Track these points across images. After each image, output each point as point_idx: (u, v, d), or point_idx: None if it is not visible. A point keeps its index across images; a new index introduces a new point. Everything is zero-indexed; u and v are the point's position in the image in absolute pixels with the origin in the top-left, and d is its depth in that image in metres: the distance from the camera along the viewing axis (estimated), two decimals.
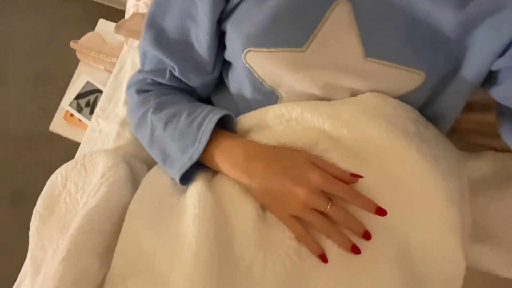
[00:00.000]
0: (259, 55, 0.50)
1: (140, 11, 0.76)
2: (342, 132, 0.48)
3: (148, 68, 0.62)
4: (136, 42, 0.77)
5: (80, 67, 1.21)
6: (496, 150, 0.60)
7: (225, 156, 0.50)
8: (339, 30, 0.48)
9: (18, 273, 0.73)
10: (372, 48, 0.48)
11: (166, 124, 0.56)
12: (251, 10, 0.50)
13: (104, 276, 0.49)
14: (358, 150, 0.48)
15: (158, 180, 0.58)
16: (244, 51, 0.51)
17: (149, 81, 0.62)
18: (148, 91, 0.63)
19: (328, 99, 0.52)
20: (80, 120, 1.16)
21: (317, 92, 0.52)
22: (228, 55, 0.57)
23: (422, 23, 0.47)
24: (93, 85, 1.17)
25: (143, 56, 0.62)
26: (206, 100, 0.66)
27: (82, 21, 1.57)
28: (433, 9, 0.46)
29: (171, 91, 0.62)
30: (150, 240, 0.48)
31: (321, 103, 0.51)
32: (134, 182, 0.62)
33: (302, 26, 0.48)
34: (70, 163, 0.68)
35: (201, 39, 0.55)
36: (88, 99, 1.16)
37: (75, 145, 1.20)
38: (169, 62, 0.58)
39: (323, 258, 0.44)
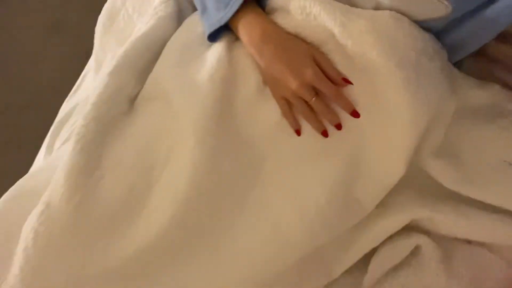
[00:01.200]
0: None
1: None
2: (347, 42, 0.54)
3: None
4: None
5: None
6: (509, 87, 0.63)
7: (245, 30, 0.58)
8: None
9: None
10: None
11: None
12: None
13: (138, 92, 0.63)
14: (356, 61, 0.54)
15: (193, 28, 0.67)
16: None
17: None
18: None
19: (352, 4, 0.56)
20: None
21: None
22: None
23: None
24: None
25: None
26: None
27: None
28: None
29: None
30: (171, 79, 0.60)
31: (340, 7, 0.55)
32: (179, 19, 0.72)
33: None
34: None
35: None
36: None
37: None
38: None
39: (298, 132, 0.57)
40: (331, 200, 0.54)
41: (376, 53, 0.52)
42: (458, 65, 0.64)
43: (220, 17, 0.60)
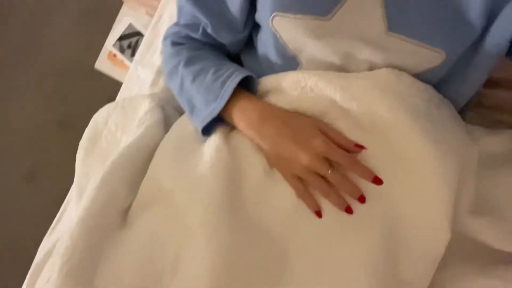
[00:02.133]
0: (285, 20, 0.53)
1: None
2: (351, 105, 0.51)
3: (183, 22, 0.66)
4: None
5: (123, 9, 1.26)
6: None
7: (241, 115, 0.56)
8: (365, 2, 0.50)
9: (65, 193, 0.84)
10: (395, 23, 0.50)
11: (194, 78, 0.61)
12: None
13: (131, 203, 0.57)
14: (365, 122, 0.51)
15: (184, 127, 0.64)
16: (272, 15, 0.53)
17: (183, 34, 0.67)
18: (181, 44, 0.68)
19: (346, 70, 0.55)
20: (121, 61, 1.23)
21: (336, 61, 0.55)
22: (258, 17, 0.60)
23: (449, 1, 0.48)
24: (134, 28, 1.23)
25: (179, 10, 0.66)
26: (235, 57, 0.71)
27: None
28: None
29: (203, 47, 0.67)
30: (170, 177, 0.55)
31: (336, 74, 0.54)
32: (166, 126, 0.69)
33: None
34: (111, 105, 0.76)
35: (234, 0, 0.59)
36: (130, 41, 1.23)
37: (116, 84, 1.30)
38: (203, 19, 0.62)
39: (318, 214, 0.50)
40: (376, 286, 0.45)
41: (384, 109, 0.50)
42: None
43: (212, 109, 0.57)
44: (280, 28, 0.55)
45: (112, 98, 1.13)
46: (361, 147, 0.50)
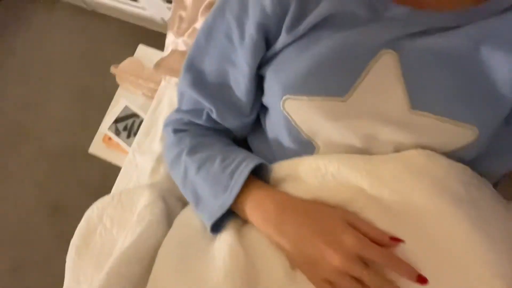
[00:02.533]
0: (297, 103, 0.49)
1: (179, 49, 0.77)
2: (382, 193, 0.45)
3: (186, 108, 0.62)
4: (174, 79, 0.78)
5: (119, 91, 1.24)
6: None
7: (256, 209, 0.49)
8: (383, 81, 0.47)
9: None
10: (419, 100, 0.46)
11: (199, 167, 0.56)
12: (292, 58, 0.49)
13: None
14: (399, 212, 0.45)
15: (189, 222, 0.58)
16: (283, 98, 0.50)
17: (185, 120, 0.63)
18: (184, 130, 0.63)
19: (369, 153, 0.50)
20: (117, 143, 1.19)
21: (357, 143, 0.50)
22: (266, 100, 0.56)
23: (477, 75, 0.45)
24: (131, 109, 1.20)
25: (181, 96, 0.62)
26: (242, 141, 0.66)
27: (121, 43, 1.62)
28: (493, 60, 0.44)
29: (207, 132, 0.63)
30: (176, 286, 0.47)
31: (360, 157, 0.49)
32: (169, 219, 0.63)
33: (345, 75, 0.47)
34: (106, 198, 0.69)
35: (239, 83, 0.55)
36: (126, 123, 1.19)
37: (112, 167, 1.24)
38: (207, 104, 0.58)
39: None
40: None
41: (422, 197, 0.44)
42: None
43: (221, 203, 0.51)
44: (293, 112, 0.51)
45: (107, 182, 1.07)
46: (397, 240, 0.43)
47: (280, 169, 0.54)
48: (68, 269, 0.67)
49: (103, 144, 1.21)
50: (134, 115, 1.20)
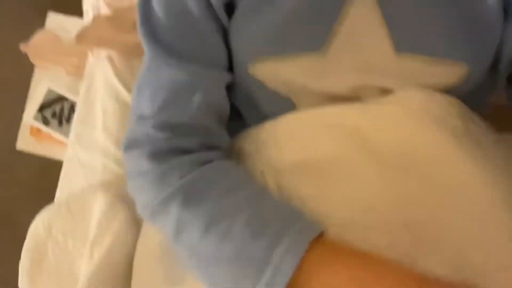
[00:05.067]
0: (268, 66, 0.44)
1: (102, 12, 0.64)
2: (384, 143, 0.42)
3: (159, 104, 0.43)
4: (104, 52, 0.65)
5: (37, 73, 1.08)
6: None
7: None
8: (362, 25, 0.43)
9: None
10: (403, 40, 0.43)
11: (207, 227, 0.37)
12: (253, 14, 0.44)
13: None
14: (403, 158, 0.42)
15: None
16: (250, 63, 0.44)
17: (165, 135, 0.42)
18: (167, 154, 0.42)
19: (356, 101, 0.46)
20: (48, 134, 1.04)
21: (342, 94, 0.46)
22: (234, 65, 0.48)
23: (461, 5, 0.43)
24: (55, 92, 1.05)
25: (145, 91, 0.45)
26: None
27: (25, 14, 1.40)
28: None
29: (204, 156, 0.43)
30: None
31: (356, 108, 0.45)
32: (136, 220, 0.56)
33: (318, 23, 0.43)
34: (52, 209, 0.61)
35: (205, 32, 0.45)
36: (54, 110, 1.05)
37: (48, 161, 1.11)
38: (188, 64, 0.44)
39: None
40: None
41: (425, 139, 0.43)
42: None
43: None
44: (265, 76, 0.46)
45: (47, 179, 0.95)
46: None
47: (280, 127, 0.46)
48: None
49: (31, 138, 1.06)
50: (61, 98, 1.05)
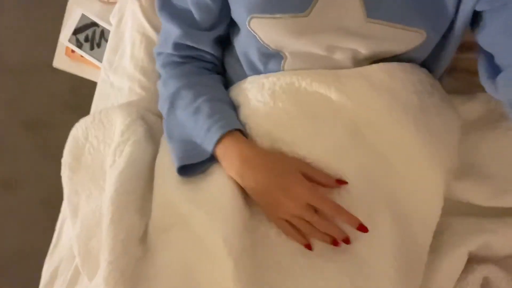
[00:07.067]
0: (263, 22, 0.53)
1: None
2: (346, 104, 0.53)
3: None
4: None
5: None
6: None
7: (224, 158, 0.57)
8: None
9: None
10: (374, 9, 0.51)
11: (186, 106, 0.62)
12: None
13: (145, 225, 0.58)
14: (359, 122, 0.54)
15: None
16: (248, 17, 0.53)
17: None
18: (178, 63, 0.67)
19: (331, 59, 0.56)
20: (81, 55, 1.16)
21: (320, 52, 0.56)
22: (234, 17, 0.59)
23: None
24: (88, 18, 1.15)
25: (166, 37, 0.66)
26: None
27: None
28: None
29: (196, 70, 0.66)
30: (184, 201, 0.56)
31: (330, 74, 0.56)
32: (153, 136, 0.69)
33: None
34: (88, 118, 0.74)
35: None
36: (87, 34, 1.15)
37: (80, 79, 1.23)
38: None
39: (308, 247, 0.52)
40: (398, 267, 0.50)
41: (378, 108, 0.53)
42: None
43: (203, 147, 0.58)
44: (259, 30, 0.55)
45: (78, 95, 1.05)
46: (342, 182, 0.52)
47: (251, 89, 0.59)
48: (66, 184, 0.74)
49: (67, 57, 1.18)
50: (93, 24, 1.15)
